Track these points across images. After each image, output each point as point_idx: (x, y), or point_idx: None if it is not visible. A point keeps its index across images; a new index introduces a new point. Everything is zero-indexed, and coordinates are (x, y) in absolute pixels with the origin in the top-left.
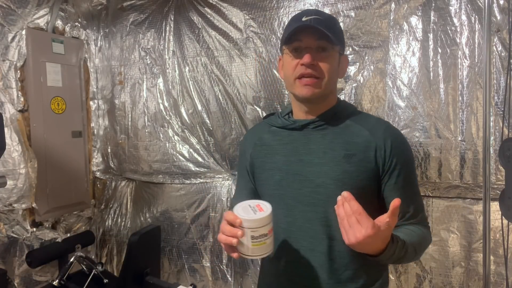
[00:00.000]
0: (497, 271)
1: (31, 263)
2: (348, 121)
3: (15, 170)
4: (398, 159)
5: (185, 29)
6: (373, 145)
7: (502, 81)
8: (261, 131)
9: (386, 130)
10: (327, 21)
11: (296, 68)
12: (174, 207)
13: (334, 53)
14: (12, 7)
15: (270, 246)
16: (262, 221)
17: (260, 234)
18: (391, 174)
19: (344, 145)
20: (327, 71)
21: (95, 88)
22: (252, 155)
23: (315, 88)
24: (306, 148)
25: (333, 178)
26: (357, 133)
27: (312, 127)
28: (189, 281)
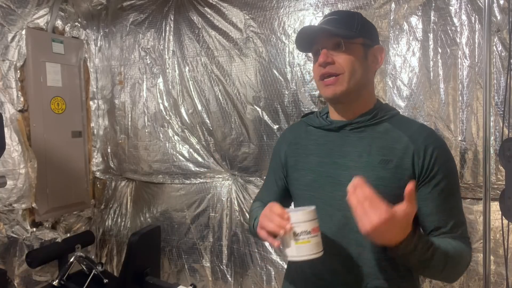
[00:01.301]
0: (497, 271)
1: (31, 263)
2: (388, 125)
3: (15, 170)
4: (437, 169)
5: (185, 29)
6: (411, 152)
7: (502, 81)
8: (297, 130)
9: (428, 137)
10: (343, 18)
11: (317, 69)
12: (174, 207)
13: (355, 47)
14: (12, 7)
15: (315, 247)
16: (302, 216)
17: (303, 230)
18: (428, 183)
19: (381, 150)
20: (347, 65)
21: (95, 88)
22: (287, 154)
23: (336, 87)
24: (341, 150)
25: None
26: (397, 138)
27: (349, 128)
28: (189, 281)
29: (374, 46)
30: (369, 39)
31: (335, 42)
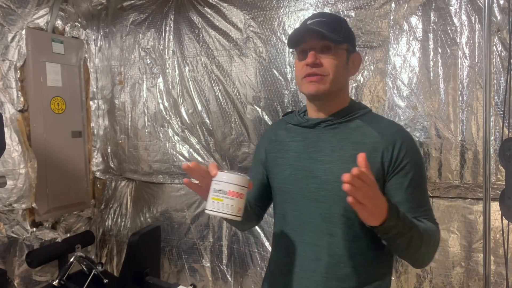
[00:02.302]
0: (497, 271)
1: (31, 263)
2: (360, 122)
3: (15, 170)
4: (405, 162)
5: (185, 29)
6: (380, 146)
7: (502, 81)
8: (278, 127)
9: (396, 133)
10: (331, 21)
11: (302, 68)
12: (174, 207)
13: (340, 52)
14: (12, 7)
15: (227, 208)
16: (225, 177)
17: (220, 188)
18: (396, 175)
19: (352, 145)
20: (332, 68)
21: (95, 88)
22: (267, 150)
23: (320, 85)
24: (316, 146)
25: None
26: (367, 134)
27: (323, 125)
28: (189, 281)
29: (355, 52)
30: (352, 45)
31: (324, 45)
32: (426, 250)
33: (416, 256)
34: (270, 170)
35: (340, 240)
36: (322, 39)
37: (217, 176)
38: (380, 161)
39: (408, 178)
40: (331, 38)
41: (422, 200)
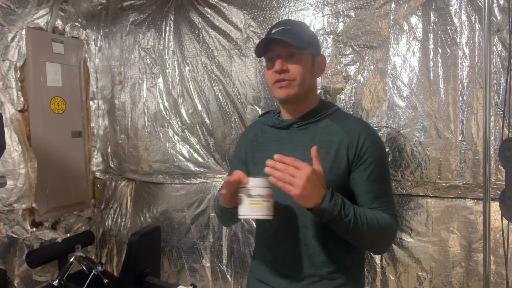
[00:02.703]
0: (497, 271)
1: (31, 263)
2: (329, 121)
3: (15, 170)
4: (366, 156)
5: (185, 29)
6: (346, 143)
7: (502, 81)
8: (255, 128)
9: (360, 129)
10: (294, 29)
11: (272, 75)
12: (174, 207)
13: (305, 56)
14: (12, 7)
15: (266, 210)
16: (258, 182)
17: (258, 193)
18: (358, 169)
19: (322, 143)
20: (299, 73)
21: (95, 88)
22: (246, 150)
23: (289, 89)
24: (290, 146)
25: None
26: (334, 132)
27: (296, 126)
28: (189, 281)
29: (319, 55)
30: (315, 49)
31: (289, 52)
32: (373, 237)
33: (365, 242)
34: (249, 169)
35: (313, 231)
36: (286, 46)
37: (250, 183)
38: (346, 157)
39: (368, 172)
40: (295, 45)
41: (381, 192)
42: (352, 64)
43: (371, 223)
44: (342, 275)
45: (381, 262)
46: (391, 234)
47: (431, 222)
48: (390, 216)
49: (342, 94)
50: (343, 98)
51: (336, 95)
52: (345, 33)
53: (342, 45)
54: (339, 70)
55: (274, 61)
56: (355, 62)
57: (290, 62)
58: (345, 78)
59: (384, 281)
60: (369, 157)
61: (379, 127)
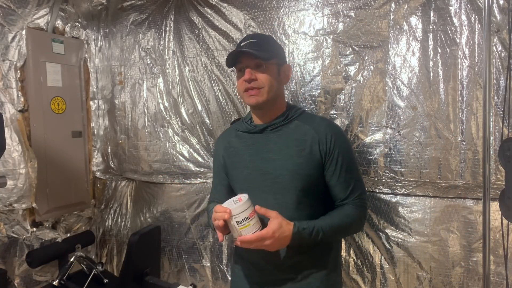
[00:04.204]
0: (497, 271)
1: (31, 263)
2: (298, 122)
3: (15, 170)
4: (336, 150)
5: (185, 29)
6: (317, 140)
7: (502, 81)
8: (229, 135)
9: (326, 127)
10: (261, 42)
11: (242, 84)
12: (174, 207)
13: (271, 66)
14: (12, 7)
15: (256, 226)
16: (240, 208)
17: (242, 218)
18: (331, 163)
19: (295, 142)
20: (266, 81)
21: (95, 88)
22: (224, 156)
23: (258, 97)
24: (266, 147)
25: (287, 169)
26: (305, 131)
27: (269, 129)
28: (189, 281)
29: (284, 64)
30: (280, 59)
31: (256, 63)
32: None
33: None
34: (229, 173)
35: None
36: (254, 58)
37: (232, 212)
38: (319, 153)
39: (339, 165)
40: (261, 57)
41: (351, 181)
42: (352, 64)
43: (340, 228)
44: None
45: (381, 262)
46: (359, 224)
47: (430, 222)
48: (358, 208)
49: (342, 94)
50: (343, 98)
51: (336, 95)
52: (345, 33)
53: (342, 45)
54: (339, 70)
55: (243, 71)
56: (355, 62)
57: (258, 72)
58: (345, 78)
59: (384, 281)
60: (337, 152)
61: (378, 127)
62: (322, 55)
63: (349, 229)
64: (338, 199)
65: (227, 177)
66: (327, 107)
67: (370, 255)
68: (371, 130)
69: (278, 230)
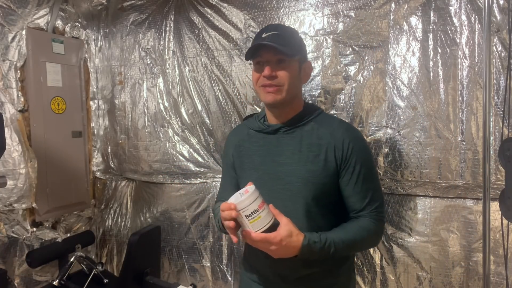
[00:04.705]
0: (497, 271)
1: (31, 263)
2: (314, 124)
3: (15, 170)
4: (354, 158)
5: (185, 29)
6: (333, 146)
7: (502, 81)
8: (240, 133)
9: (344, 132)
10: (284, 35)
11: (259, 79)
12: (174, 207)
13: (293, 63)
14: (12, 7)
15: (267, 218)
16: (247, 201)
17: (251, 211)
18: (347, 171)
19: (309, 146)
20: (287, 79)
21: (95, 88)
22: (234, 155)
23: (276, 95)
24: (278, 150)
25: (299, 176)
26: (321, 135)
27: (283, 131)
28: (189, 281)
29: (306, 62)
30: (303, 56)
31: (278, 58)
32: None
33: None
34: (238, 174)
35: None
36: (276, 53)
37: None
38: (334, 160)
39: (355, 174)
40: (285, 53)
41: (368, 192)
42: (352, 64)
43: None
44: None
45: (381, 262)
46: (375, 239)
47: (431, 222)
48: (374, 221)
49: (342, 94)
50: (343, 98)
51: (336, 95)
52: (345, 33)
53: (342, 45)
54: (339, 70)
55: (262, 65)
56: (355, 62)
57: (279, 69)
58: (345, 78)
59: (384, 281)
60: (355, 159)
61: (379, 127)
62: (322, 55)
63: (364, 244)
64: (353, 210)
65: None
66: (327, 107)
67: (370, 255)
68: (371, 130)
69: (286, 238)
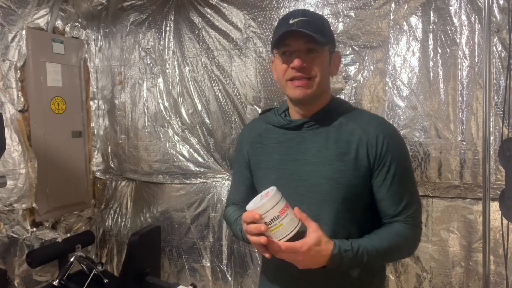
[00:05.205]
0: (497, 271)
1: (31, 263)
2: (342, 119)
3: (15, 170)
4: (389, 156)
5: (185, 29)
6: (364, 143)
7: (502, 81)
8: (257, 128)
9: (378, 127)
10: (315, 21)
11: (286, 71)
12: (174, 207)
13: (324, 53)
14: (12, 7)
15: (291, 224)
16: (266, 206)
17: (271, 218)
18: (380, 171)
19: (337, 143)
20: (318, 71)
21: (95, 88)
22: (249, 153)
23: (306, 89)
24: (301, 147)
25: (326, 177)
26: (350, 131)
27: (307, 126)
28: (189, 281)
29: (335, 52)
30: (333, 45)
31: (309, 47)
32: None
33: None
34: (254, 173)
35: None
36: (307, 42)
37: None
38: (366, 158)
39: (390, 175)
40: (318, 41)
41: (404, 195)
42: (352, 64)
43: (389, 252)
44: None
45: None
46: (412, 248)
47: (431, 222)
48: (411, 228)
49: (342, 94)
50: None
51: (336, 95)
52: (345, 33)
53: (342, 45)
54: (339, 70)
55: (290, 56)
56: (355, 62)
57: (309, 59)
58: (345, 78)
59: None
60: (390, 158)
61: None
62: None
63: (399, 253)
64: (386, 215)
65: (252, 177)
66: None
67: None
68: None
69: (315, 247)
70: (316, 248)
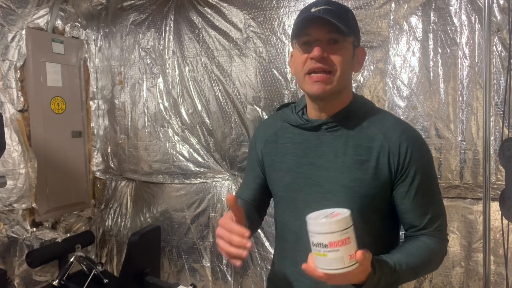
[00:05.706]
0: (497, 271)
1: (31, 263)
2: (364, 122)
3: (15, 170)
4: (412, 166)
5: (185, 29)
6: (386, 150)
7: (502, 81)
8: (273, 126)
9: (402, 134)
10: (339, 10)
11: (305, 63)
12: (174, 207)
13: (347, 45)
14: (12, 7)
15: (332, 263)
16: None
17: (317, 242)
18: (403, 182)
19: (356, 149)
20: (340, 64)
21: (95, 88)
22: (263, 152)
23: (326, 85)
24: (318, 150)
25: (343, 185)
26: (372, 136)
27: (325, 127)
28: (189, 281)
29: (359, 47)
30: (357, 38)
31: (331, 37)
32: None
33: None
34: (268, 174)
35: None
36: (329, 31)
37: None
38: (387, 168)
39: (414, 186)
40: (341, 30)
41: (430, 206)
42: None
43: (419, 268)
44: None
45: None
46: (439, 263)
47: None
48: (440, 242)
49: None
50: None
51: None
52: None
53: None
54: None
55: (310, 46)
56: None
57: (331, 51)
58: None
59: None
60: (414, 169)
61: None
62: None
63: (428, 269)
64: (411, 227)
65: (264, 177)
66: None
67: None
68: None
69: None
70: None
